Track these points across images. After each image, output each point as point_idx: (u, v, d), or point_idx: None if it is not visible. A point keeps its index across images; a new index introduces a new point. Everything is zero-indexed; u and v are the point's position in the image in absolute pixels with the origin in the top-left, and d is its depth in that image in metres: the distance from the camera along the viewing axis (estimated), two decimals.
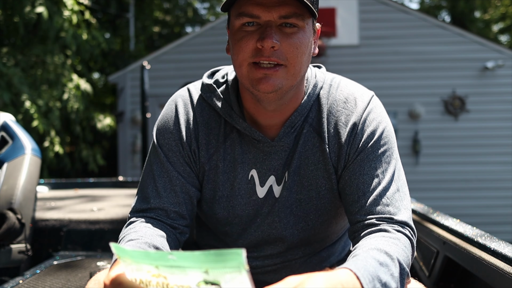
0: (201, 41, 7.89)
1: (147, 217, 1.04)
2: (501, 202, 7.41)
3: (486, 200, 7.50)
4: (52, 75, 6.66)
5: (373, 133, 1.02)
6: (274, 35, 0.91)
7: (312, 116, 1.06)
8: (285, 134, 1.04)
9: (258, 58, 0.92)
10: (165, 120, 1.10)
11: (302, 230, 1.09)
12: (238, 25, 0.94)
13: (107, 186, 3.71)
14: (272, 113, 1.03)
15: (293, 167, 1.05)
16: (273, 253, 1.13)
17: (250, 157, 1.06)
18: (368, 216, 0.96)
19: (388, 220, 0.95)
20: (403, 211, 0.97)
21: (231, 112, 1.05)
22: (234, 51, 0.96)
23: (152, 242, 0.94)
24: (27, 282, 1.63)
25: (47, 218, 2.27)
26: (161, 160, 1.07)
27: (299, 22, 0.93)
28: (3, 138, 2.20)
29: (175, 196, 1.05)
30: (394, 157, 1.03)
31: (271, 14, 0.91)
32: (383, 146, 1.02)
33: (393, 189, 0.98)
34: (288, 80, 0.95)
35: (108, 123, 7.76)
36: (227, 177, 1.07)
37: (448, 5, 15.32)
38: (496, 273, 1.12)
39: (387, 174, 0.99)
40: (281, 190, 1.06)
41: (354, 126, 1.03)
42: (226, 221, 1.10)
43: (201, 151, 1.07)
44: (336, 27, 7.74)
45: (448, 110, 7.68)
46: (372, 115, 1.04)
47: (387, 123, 1.05)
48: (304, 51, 0.95)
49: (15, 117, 5.80)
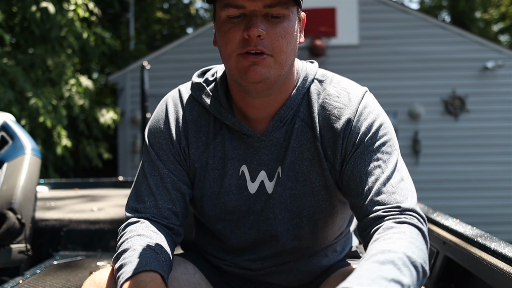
0: (201, 41, 7.89)
1: (144, 218, 1.05)
2: (501, 202, 7.41)
3: (486, 200, 7.50)
4: (54, 74, 6.67)
5: (370, 126, 1.00)
6: (260, 24, 0.91)
7: (304, 110, 1.05)
8: (274, 128, 1.04)
9: (246, 48, 0.92)
10: (156, 120, 1.12)
11: (296, 226, 1.08)
12: (224, 17, 0.94)
13: (107, 186, 3.72)
14: (260, 105, 1.02)
15: (287, 163, 1.04)
16: (270, 253, 1.12)
17: (240, 152, 1.06)
18: (374, 208, 0.93)
19: (395, 210, 0.91)
20: (410, 199, 0.94)
21: (220, 108, 1.06)
22: (222, 43, 0.96)
23: (155, 248, 0.96)
24: (27, 282, 1.63)
25: (47, 218, 2.27)
26: (152, 158, 1.08)
27: (284, 10, 0.93)
28: (3, 138, 2.20)
29: (167, 193, 1.06)
30: (395, 148, 1.01)
31: (256, 4, 0.91)
32: (382, 137, 1.00)
33: (397, 178, 0.96)
34: (275, 70, 0.95)
35: (111, 116, 7.74)
36: (218, 173, 1.07)
37: (448, 5, 15.33)
38: (496, 273, 1.12)
39: (389, 164, 0.97)
40: (274, 186, 1.06)
41: (349, 120, 1.01)
42: (218, 218, 1.10)
43: (191, 149, 1.08)
44: (336, 27, 7.74)
45: (448, 110, 7.68)
46: (368, 109, 1.03)
47: (384, 116, 1.04)
48: (289, 40, 0.95)
49: (20, 114, 5.84)
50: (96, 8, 7.60)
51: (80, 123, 7.45)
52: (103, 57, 9.57)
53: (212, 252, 1.19)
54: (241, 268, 1.16)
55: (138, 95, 7.39)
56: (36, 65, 6.64)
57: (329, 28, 7.65)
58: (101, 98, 9.98)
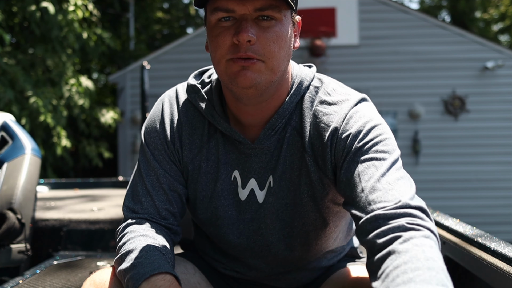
0: (201, 41, 7.85)
1: (142, 218, 1.05)
2: (501, 202, 7.41)
3: (486, 200, 7.50)
4: (54, 74, 6.67)
5: (359, 130, 0.93)
6: (249, 29, 0.87)
7: (296, 118, 1.02)
8: (265, 137, 1.01)
9: (236, 54, 0.89)
10: (152, 119, 1.11)
11: (288, 236, 1.05)
12: (214, 21, 0.91)
13: (107, 186, 3.72)
14: (254, 111, 1.00)
15: (279, 172, 1.02)
16: (264, 263, 1.11)
17: (233, 157, 1.05)
18: (370, 207, 0.83)
19: (394, 208, 0.81)
20: (408, 194, 0.85)
21: (213, 113, 1.04)
22: (212, 47, 0.94)
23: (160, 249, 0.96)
24: (27, 282, 1.63)
25: (47, 218, 2.27)
26: (148, 158, 1.07)
27: (276, 14, 0.89)
28: (3, 138, 2.20)
29: (164, 194, 1.06)
30: (393, 148, 0.93)
31: (246, 7, 0.88)
32: (375, 138, 0.92)
33: (394, 175, 0.87)
34: (267, 75, 0.91)
35: (111, 115, 7.74)
36: (210, 177, 1.06)
37: (448, 4, 15.32)
38: (496, 273, 1.12)
39: (385, 163, 0.89)
40: (265, 195, 1.04)
41: (336, 128, 0.96)
42: (210, 222, 1.09)
43: (184, 151, 1.07)
44: (336, 27, 7.74)
45: (448, 110, 7.68)
46: (358, 114, 0.96)
47: (377, 120, 0.96)
48: (282, 45, 0.91)
49: (20, 113, 5.84)
50: (95, 9, 7.59)
51: (80, 123, 7.45)
52: (103, 57, 9.57)
53: (209, 253, 1.19)
54: (237, 272, 1.16)
55: (138, 95, 7.38)
56: (36, 65, 6.64)
57: (329, 28, 7.65)
58: (101, 98, 9.98)
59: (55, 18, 6.22)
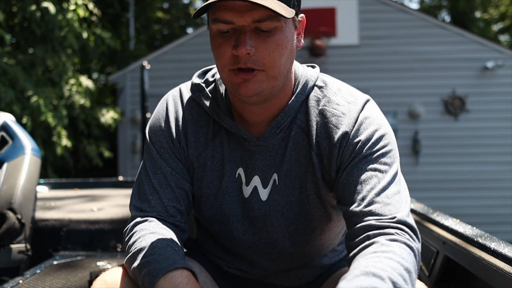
0: (201, 41, 7.88)
1: (151, 216, 1.05)
2: (501, 202, 7.41)
3: (486, 200, 7.50)
4: (54, 74, 6.67)
5: (370, 137, 0.97)
6: (248, 42, 0.87)
7: (301, 117, 1.03)
8: (271, 135, 1.03)
9: (236, 65, 0.90)
10: (157, 118, 1.11)
11: (293, 233, 1.07)
12: (215, 30, 0.92)
13: (107, 186, 3.72)
14: (258, 111, 1.02)
15: (284, 170, 1.03)
16: (268, 260, 1.12)
17: (238, 155, 1.06)
18: (366, 217, 0.89)
19: (387, 222, 0.87)
20: (404, 212, 0.90)
21: (218, 110, 1.05)
22: (215, 55, 0.95)
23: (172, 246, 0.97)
24: (27, 282, 1.63)
25: (47, 218, 2.27)
26: (153, 157, 1.08)
27: (275, 23, 0.89)
28: (3, 138, 2.20)
29: (171, 191, 1.06)
30: (395, 160, 0.97)
31: (244, 19, 0.87)
32: (382, 148, 0.96)
33: (393, 190, 0.92)
34: (268, 83, 0.93)
35: (112, 115, 7.74)
36: (215, 175, 1.07)
37: (448, 4, 15.32)
38: (496, 273, 1.12)
39: (387, 175, 0.94)
40: (269, 193, 1.05)
41: (346, 132, 0.98)
42: (215, 219, 1.10)
43: (189, 149, 1.08)
44: (336, 27, 7.74)
45: (448, 110, 7.68)
46: (369, 120, 0.99)
47: (385, 127, 1.00)
48: (282, 52, 0.91)
49: (21, 113, 5.84)
50: (96, 8, 7.60)
51: (80, 123, 7.45)
52: (103, 57, 9.57)
53: (213, 251, 1.19)
54: (241, 270, 1.16)
55: (138, 95, 7.38)
56: (37, 65, 6.64)
57: (329, 28, 7.65)
58: (101, 98, 9.98)
59: (56, 18, 6.22)
